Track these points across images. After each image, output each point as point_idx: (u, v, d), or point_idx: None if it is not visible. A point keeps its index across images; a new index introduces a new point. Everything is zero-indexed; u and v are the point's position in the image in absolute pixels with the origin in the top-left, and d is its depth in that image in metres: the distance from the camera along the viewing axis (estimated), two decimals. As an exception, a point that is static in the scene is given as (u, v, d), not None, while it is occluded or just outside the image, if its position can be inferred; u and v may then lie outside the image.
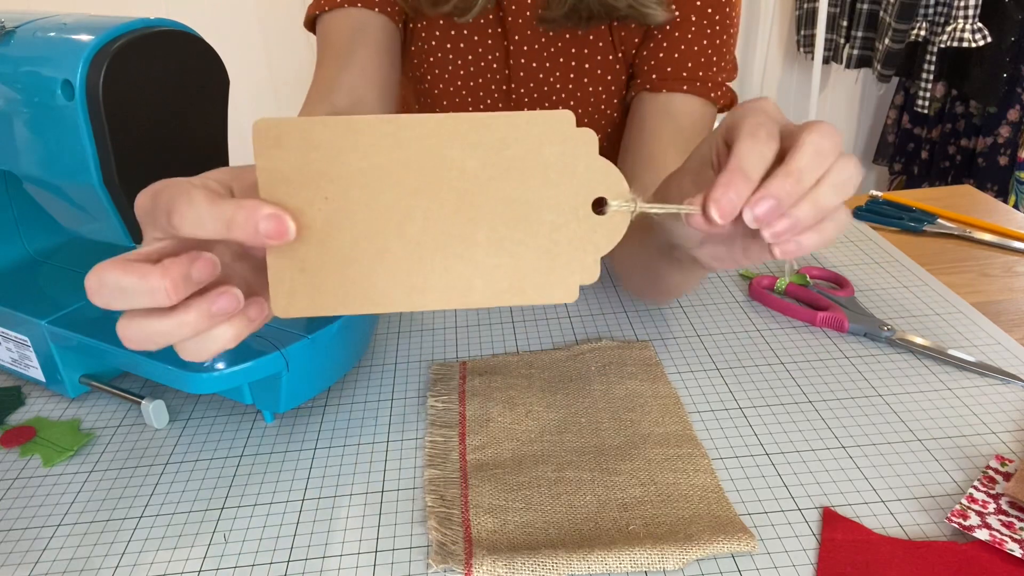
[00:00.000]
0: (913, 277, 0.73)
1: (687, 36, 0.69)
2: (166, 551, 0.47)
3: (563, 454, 0.53)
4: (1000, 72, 1.87)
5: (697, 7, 0.69)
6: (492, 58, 0.74)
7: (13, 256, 0.67)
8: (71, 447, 0.56)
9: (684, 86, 0.69)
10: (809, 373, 0.61)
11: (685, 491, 0.49)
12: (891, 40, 1.91)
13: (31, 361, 0.61)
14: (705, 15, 0.69)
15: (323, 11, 0.72)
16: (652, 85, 0.71)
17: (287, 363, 0.53)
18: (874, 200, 0.88)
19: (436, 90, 0.78)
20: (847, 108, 2.34)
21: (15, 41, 0.52)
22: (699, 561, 0.44)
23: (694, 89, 0.69)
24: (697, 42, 0.69)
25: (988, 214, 0.86)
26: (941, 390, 0.58)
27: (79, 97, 0.48)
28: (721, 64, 0.71)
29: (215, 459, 0.55)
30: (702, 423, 0.56)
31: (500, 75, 0.75)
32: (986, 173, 1.97)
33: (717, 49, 0.70)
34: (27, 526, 0.50)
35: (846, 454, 0.52)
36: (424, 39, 0.75)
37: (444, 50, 0.74)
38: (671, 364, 0.63)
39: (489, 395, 0.59)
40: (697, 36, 0.69)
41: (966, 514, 0.45)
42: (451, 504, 0.49)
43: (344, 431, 0.57)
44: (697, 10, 0.69)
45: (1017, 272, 0.74)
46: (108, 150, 0.49)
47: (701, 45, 0.70)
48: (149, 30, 0.50)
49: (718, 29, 0.70)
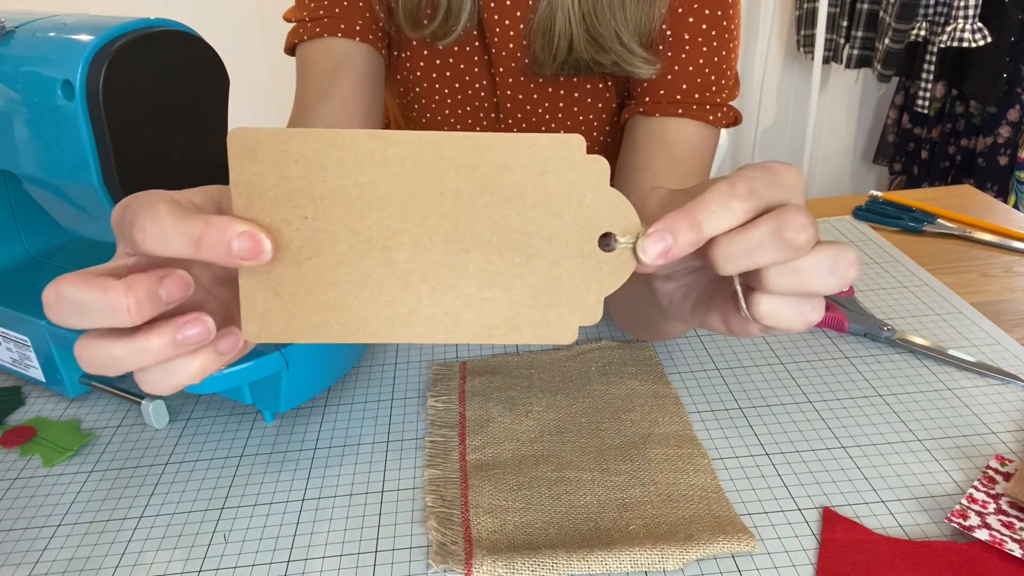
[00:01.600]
0: (913, 277, 0.73)
1: (681, 56, 0.64)
2: (166, 551, 0.47)
3: (563, 454, 0.53)
4: (1000, 72, 1.87)
5: (691, 24, 0.64)
6: (480, 86, 0.71)
7: (13, 256, 0.67)
8: (71, 447, 0.56)
9: (679, 109, 0.64)
10: (809, 373, 0.61)
11: (685, 491, 0.49)
12: (891, 40, 1.92)
13: (31, 361, 0.61)
14: (700, 32, 0.64)
15: (302, 40, 0.68)
16: (645, 108, 0.66)
17: (287, 363, 0.53)
18: (874, 200, 0.88)
19: (424, 118, 0.76)
20: (847, 108, 2.34)
21: (15, 41, 0.52)
22: (699, 561, 0.44)
23: (690, 112, 0.64)
24: (692, 62, 0.64)
25: (988, 214, 0.86)
26: (941, 390, 0.58)
27: (79, 97, 0.48)
28: (721, 83, 0.65)
29: (215, 459, 0.55)
30: (702, 423, 0.56)
31: (488, 102, 0.73)
32: (986, 173, 1.97)
33: (716, 67, 0.65)
34: (27, 526, 0.50)
35: (846, 454, 0.52)
36: (409, 68, 0.72)
37: (430, 78, 0.72)
38: (671, 364, 0.63)
39: (489, 395, 0.59)
40: (692, 56, 0.64)
41: (966, 514, 0.45)
42: (451, 504, 0.49)
43: (344, 431, 0.57)
44: (691, 28, 0.64)
45: (1017, 272, 0.74)
46: (108, 150, 0.49)
47: (697, 65, 0.64)
48: (149, 30, 0.50)
49: (715, 46, 0.64)
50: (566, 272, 0.32)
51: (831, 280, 0.32)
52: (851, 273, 0.32)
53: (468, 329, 0.33)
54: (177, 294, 0.30)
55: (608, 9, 0.62)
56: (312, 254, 0.31)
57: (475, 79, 0.71)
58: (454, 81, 0.72)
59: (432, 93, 0.73)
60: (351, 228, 0.31)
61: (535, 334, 0.33)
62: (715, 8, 0.64)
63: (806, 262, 0.32)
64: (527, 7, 0.65)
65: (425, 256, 0.32)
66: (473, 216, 0.31)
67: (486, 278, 0.32)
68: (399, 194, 0.31)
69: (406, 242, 0.32)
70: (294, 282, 0.32)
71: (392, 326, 0.32)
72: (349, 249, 0.31)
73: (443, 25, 0.65)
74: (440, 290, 0.32)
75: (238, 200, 0.31)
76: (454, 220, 0.31)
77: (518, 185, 0.31)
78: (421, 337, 0.33)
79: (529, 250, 0.32)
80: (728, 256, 0.31)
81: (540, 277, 0.32)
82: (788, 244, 0.31)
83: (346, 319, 0.32)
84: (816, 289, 0.32)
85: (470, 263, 0.32)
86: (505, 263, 0.32)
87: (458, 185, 0.31)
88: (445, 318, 0.32)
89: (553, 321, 0.33)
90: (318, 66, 0.68)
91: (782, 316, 0.33)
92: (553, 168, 0.31)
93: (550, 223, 0.31)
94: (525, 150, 0.31)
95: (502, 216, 0.31)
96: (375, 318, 0.32)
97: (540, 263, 0.32)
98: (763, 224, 0.31)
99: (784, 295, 0.33)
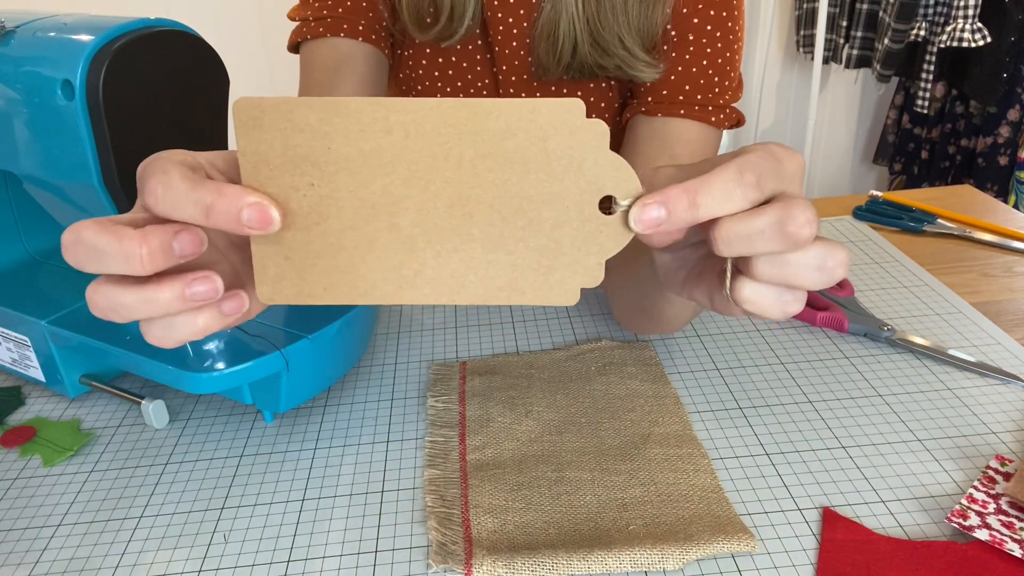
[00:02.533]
0: (913, 277, 0.73)
1: (685, 57, 0.64)
2: (166, 551, 0.47)
3: (563, 454, 0.53)
4: (1000, 72, 1.87)
5: (695, 25, 0.63)
6: (482, 85, 0.72)
7: (13, 256, 0.67)
8: (71, 447, 0.56)
9: (681, 110, 0.64)
10: (809, 373, 0.61)
11: (685, 491, 0.49)
12: (891, 40, 1.91)
13: (31, 361, 0.61)
14: (704, 33, 0.64)
15: (306, 39, 0.69)
16: (647, 108, 0.66)
17: (287, 363, 0.53)
18: (874, 200, 0.88)
19: None
20: (847, 108, 2.34)
21: (15, 41, 0.52)
22: (699, 561, 0.44)
23: (692, 113, 0.64)
24: (696, 63, 0.64)
25: (988, 214, 0.86)
26: (941, 390, 0.58)
27: (79, 97, 0.48)
28: (724, 84, 0.65)
29: (215, 459, 0.55)
30: (702, 423, 0.56)
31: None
32: (986, 173, 1.97)
33: (719, 68, 0.64)
34: (27, 526, 0.50)
35: (846, 454, 0.52)
36: (412, 67, 0.73)
37: (432, 77, 0.72)
38: (671, 364, 0.63)
39: (489, 395, 0.59)
40: (696, 57, 0.64)
41: (966, 514, 0.45)
42: (451, 504, 0.49)
43: (344, 431, 0.57)
44: (695, 28, 0.64)
45: (1017, 272, 0.74)
46: (108, 150, 0.49)
47: (701, 66, 0.64)
48: (149, 30, 0.50)
49: (720, 47, 0.64)
50: (567, 235, 0.33)
51: (816, 276, 0.32)
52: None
53: (472, 291, 0.34)
54: (190, 249, 0.31)
55: (611, 13, 0.62)
56: (319, 220, 0.32)
57: (477, 78, 0.72)
58: (456, 80, 0.72)
59: (434, 92, 0.73)
60: (357, 194, 0.32)
61: (538, 295, 0.34)
62: (720, 9, 0.64)
63: (795, 255, 0.32)
64: (531, 7, 0.66)
65: (429, 221, 0.33)
66: (475, 181, 0.32)
67: (489, 241, 0.33)
68: (403, 160, 0.32)
69: (411, 207, 0.32)
70: (303, 247, 0.33)
71: (399, 288, 0.33)
72: (355, 214, 0.32)
73: (447, 27, 0.65)
74: (445, 253, 0.33)
75: (245, 167, 0.32)
76: (457, 185, 0.32)
77: (519, 150, 0.32)
78: (428, 298, 0.34)
79: (531, 214, 0.33)
80: (729, 239, 0.32)
81: (542, 240, 0.33)
82: (789, 237, 0.31)
83: (355, 282, 0.33)
84: (800, 283, 0.33)
85: (473, 227, 0.33)
86: (508, 227, 0.33)
87: (460, 150, 0.32)
88: (451, 280, 0.33)
89: (555, 284, 0.33)
90: (321, 66, 0.68)
91: (762, 303, 0.33)
92: (553, 133, 0.31)
93: (551, 187, 0.32)
94: (526, 115, 0.31)
95: (504, 181, 0.32)
96: (383, 281, 0.33)
97: (542, 226, 0.33)
98: (768, 214, 0.31)
99: (768, 284, 0.33)
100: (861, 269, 0.75)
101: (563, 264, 0.33)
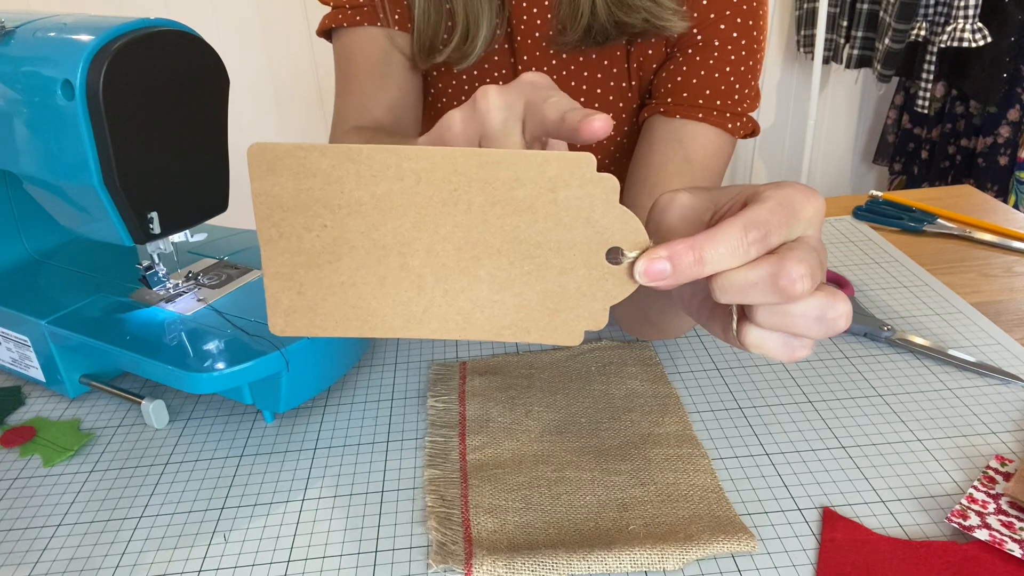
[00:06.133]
0: (913, 277, 0.73)
1: (708, 62, 0.65)
2: (166, 551, 0.47)
3: (563, 454, 0.53)
4: (1000, 72, 1.87)
5: (722, 31, 0.64)
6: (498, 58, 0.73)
7: (13, 256, 0.67)
8: (71, 447, 0.56)
9: (699, 114, 0.65)
10: (809, 373, 0.61)
11: (685, 491, 0.49)
12: (891, 40, 1.91)
13: (31, 361, 0.61)
14: (730, 40, 0.64)
15: (341, 26, 0.70)
16: (666, 109, 0.66)
17: (287, 363, 0.53)
18: (874, 200, 0.88)
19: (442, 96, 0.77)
20: (847, 108, 2.33)
21: (15, 41, 0.52)
22: (699, 561, 0.44)
23: (710, 118, 0.65)
24: (719, 68, 0.65)
25: (988, 214, 0.86)
26: (941, 390, 0.58)
27: (79, 97, 0.48)
28: (744, 92, 0.66)
29: (215, 459, 0.55)
30: (702, 423, 0.56)
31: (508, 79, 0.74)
32: (986, 173, 1.97)
33: (741, 76, 0.65)
34: (27, 526, 0.50)
35: (846, 454, 0.52)
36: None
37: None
38: (671, 364, 0.63)
39: (489, 395, 0.59)
40: (720, 62, 0.64)
41: (966, 514, 0.45)
42: (451, 504, 0.49)
43: (344, 431, 0.57)
44: (722, 34, 0.64)
45: (1017, 272, 0.74)
46: (108, 150, 0.49)
47: (723, 72, 0.65)
48: (149, 30, 0.50)
49: (743, 55, 0.65)
50: (573, 281, 0.33)
51: (817, 328, 0.33)
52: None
53: (479, 328, 0.34)
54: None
55: None
56: (332, 258, 0.34)
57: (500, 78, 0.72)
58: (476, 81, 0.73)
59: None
60: (368, 235, 0.33)
61: (543, 335, 0.34)
62: (747, 18, 0.64)
63: (796, 307, 0.32)
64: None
65: (438, 262, 0.33)
66: (484, 226, 0.33)
67: (496, 283, 0.34)
68: (413, 205, 0.33)
69: (420, 249, 0.33)
70: (315, 283, 0.34)
71: (408, 323, 0.34)
72: (367, 254, 0.33)
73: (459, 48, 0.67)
74: (452, 292, 0.34)
75: (259, 209, 0.33)
76: (466, 230, 0.33)
77: (528, 199, 0.32)
78: (435, 333, 0.35)
79: (538, 259, 0.33)
80: (723, 288, 0.33)
81: (548, 284, 0.34)
82: (781, 291, 0.31)
83: (365, 316, 0.34)
84: (801, 333, 0.33)
85: (481, 269, 0.33)
86: (515, 270, 0.33)
87: (470, 197, 0.32)
88: (457, 317, 0.34)
89: (560, 325, 0.34)
90: (368, 55, 0.70)
91: (768, 347, 0.34)
92: (563, 184, 0.32)
93: (559, 235, 0.33)
94: (536, 167, 0.32)
95: (512, 227, 0.33)
96: (392, 316, 0.34)
97: (548, 272, 0.33)
98: (761, 267, 0.32)
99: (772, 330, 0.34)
100: (861, 269, 0.75)
101: (568, 307, 0.34)
